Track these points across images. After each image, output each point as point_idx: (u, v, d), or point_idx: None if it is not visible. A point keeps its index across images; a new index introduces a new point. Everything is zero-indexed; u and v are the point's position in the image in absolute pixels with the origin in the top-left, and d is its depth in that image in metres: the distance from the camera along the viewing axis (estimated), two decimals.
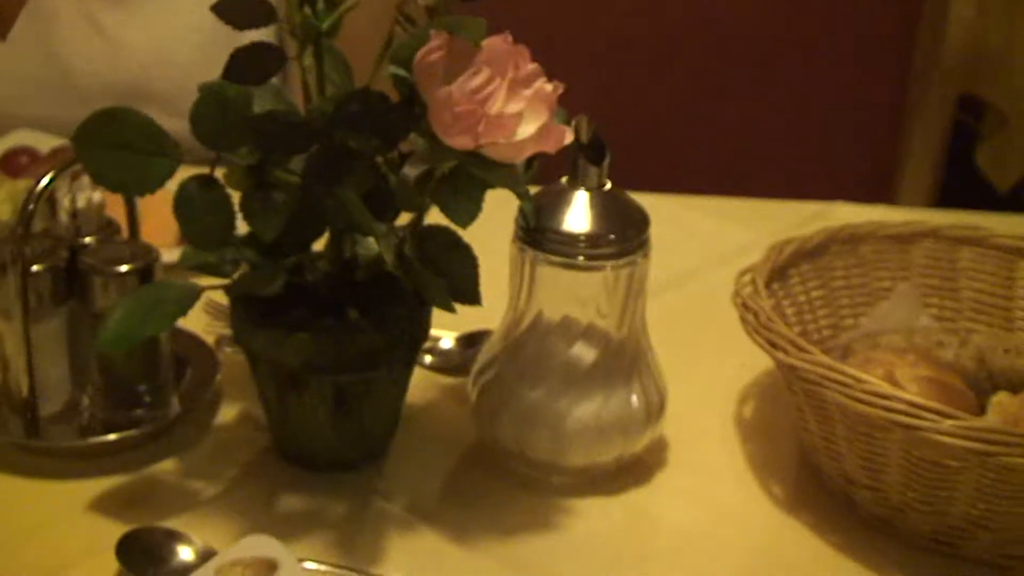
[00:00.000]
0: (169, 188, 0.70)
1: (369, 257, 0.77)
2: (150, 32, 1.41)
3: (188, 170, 0.70)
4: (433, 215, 0.74)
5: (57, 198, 0.81)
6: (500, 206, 0.75)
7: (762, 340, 0.76)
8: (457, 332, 0.92)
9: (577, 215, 0.75)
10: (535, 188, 0.77)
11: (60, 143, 1.13)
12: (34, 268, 0.77)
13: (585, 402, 0.77)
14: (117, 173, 0.69)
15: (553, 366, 0.77)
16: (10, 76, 1.39)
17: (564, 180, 0.76)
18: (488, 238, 0.75)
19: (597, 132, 0.75)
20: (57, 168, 0.75)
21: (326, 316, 0.75)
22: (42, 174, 0.75)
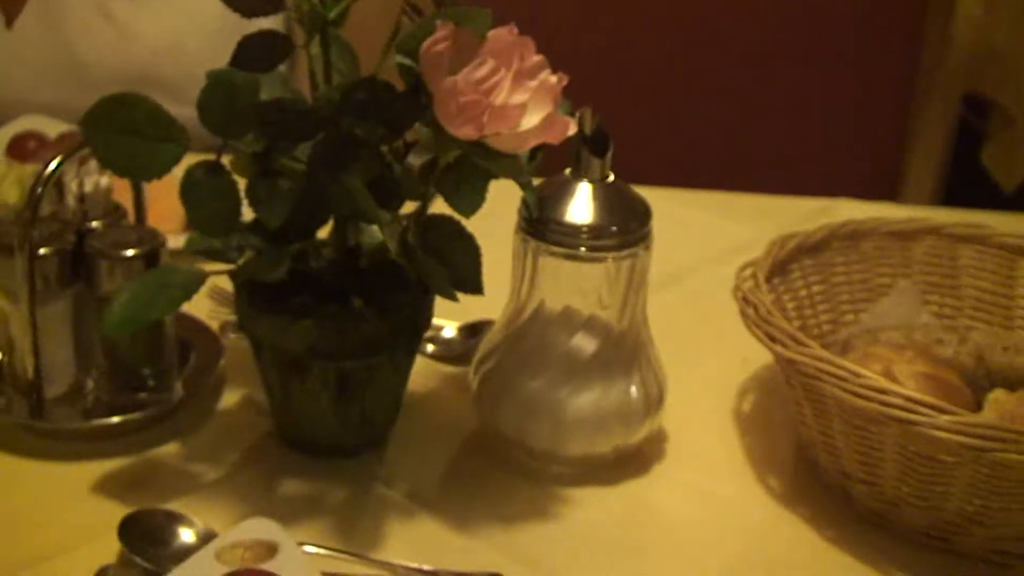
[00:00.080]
0: (176, 174, 0.71)
1: (373, 245, 0.78)
2: (159, 20, 1.41)
3: (195, 157, 0.71)
4: (438, 205, 0.74)
5: (65, 182, 0.82)
6: (503, 197, 0.75)
7: (761, 333, 0.76)
8: (459, 322, 0.93)
9: (580, 207, 0.75)
10: (539, 180, 0.77)
11: (68, 128, 1.14)
12: (41, 251, 0.77)
13: (585, 392, 0.77)
14: (125, 158, 0.70)
15: (554, 356, 0.78)
16: (20, 62, 1.40)
17: (567, 172, 0.77)
18: (491, 229, 0.76)
19: (601, 124, 0.75)
20: (65, 153, 0.75)
21: (330, 303, 0.75)
22: (50, 159, 0.75)
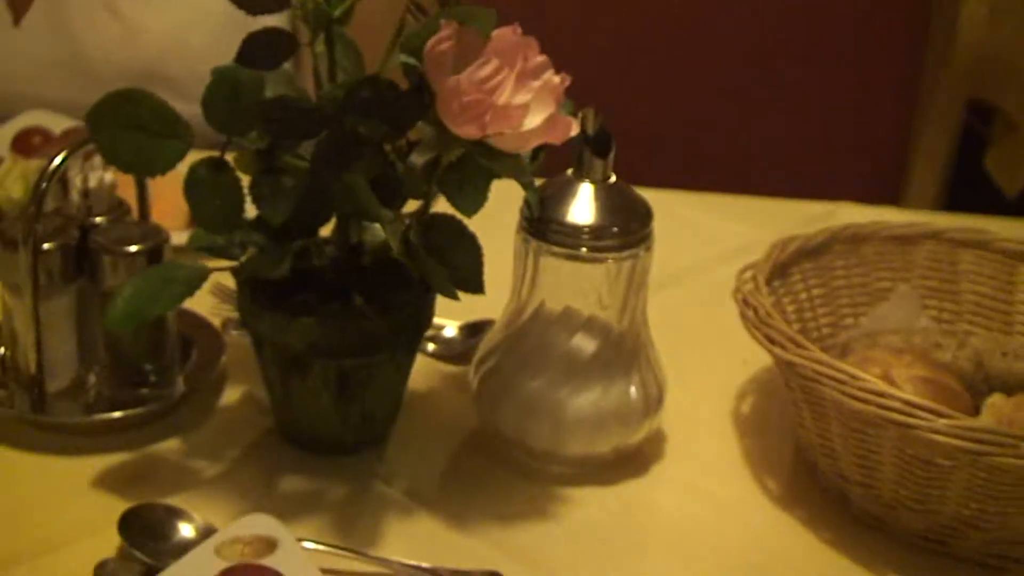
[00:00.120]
0: (180, 171, 0.71)
1: (375, 243, 0.78)
2: (165, 17, 1.42)
3: (199, 154, 0.71)
4: (440, 205, 0.75)
5: (69, 178, 0.82)
6: (505, 197, 0.75)
7: (761, 336, 0.76)
8: (460, 321, 0.93)
9: (581, 207, 0.76)
10: (541, 180, 0.77)
11: (73, 124, 1.14)
12: (45, 246, 0.78)
13: (585, 392, 0.78)
14: (129, 154, 0.70)
15: (554, 356, 0.78)
16: (26, 58, 1.40)
17: (569, 172, 0.77)
18: (493, 229, 0.76)
19: (604, 125, 0.76)
20: (70, 148, 0.76)
21: (331, 301, 0.76)
22: (55, 154, 0.76)
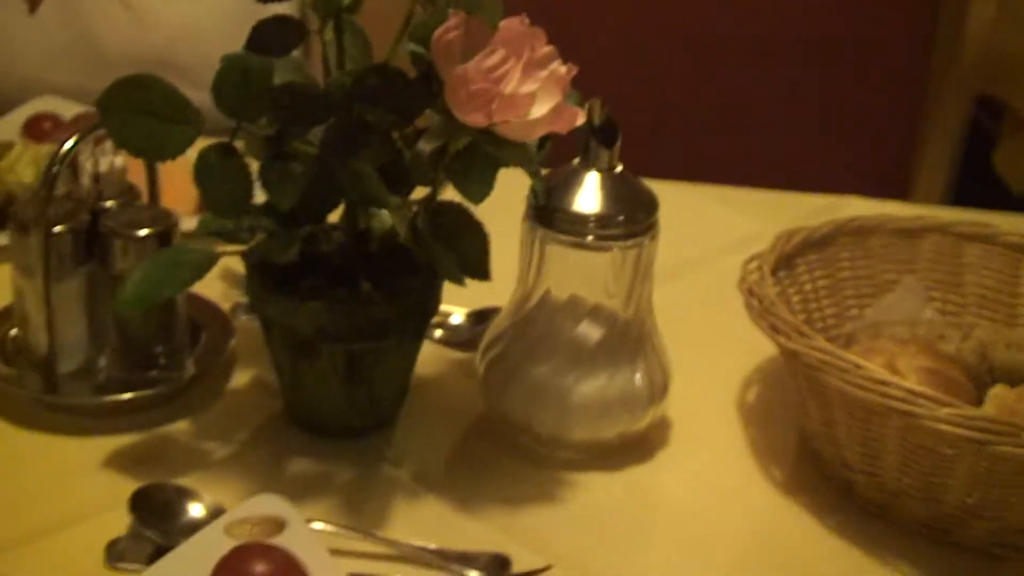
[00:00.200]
0: (190, 157, 0.71)
1: (383, 229, 0.78)
2: (176, 5, 1.42)
3: (209, 141, 0.72)
4: (448, 193, 0.75)
5: (80, 162, 0.83)
6: (512, 186, 0.76)
7: (765, 325, 0.77)
8: (468, 308, 0.93)
9: (587, 196, 0.76)
10: (547, 170, 0.78)
11: (83, 110, 1.15)
12: (56, 229, 0.78)
13: (590, 379, 0.78)
14: (139, 139, 0.70)
15: (560, 343, 0.79)
16: (37, 45, 1.41)
17: (576, 161, 0.78)
18: (500, 217, 0.77)
19: (610, 115, 0.76)
20: (80, 132, 0.76)
21: (339, 286, 0.76)
22: (65, 139, 0.76)
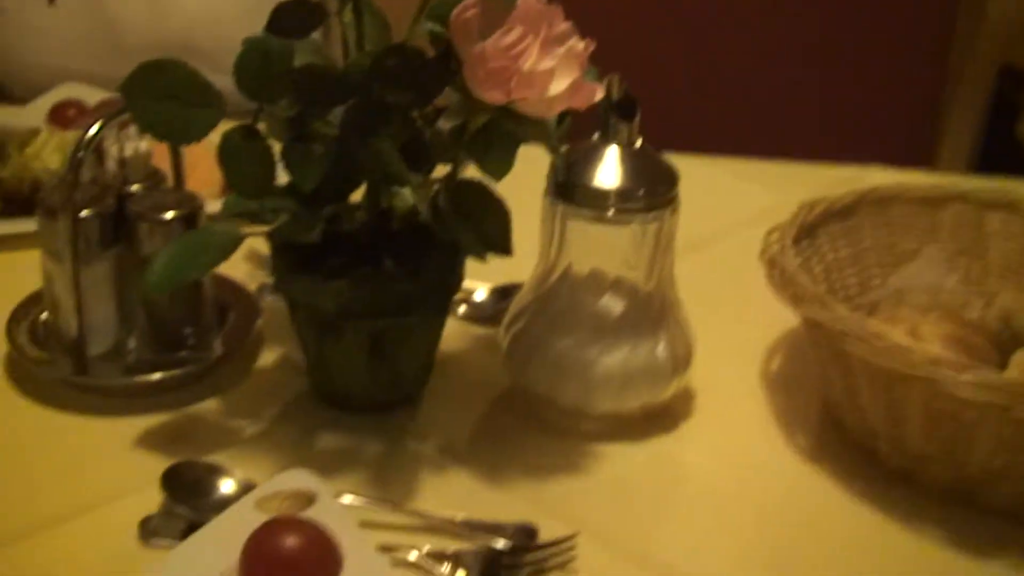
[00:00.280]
0: (214, 141, 0.72)
1: (405, 208, 0.79)
2: None
3: (231, 125, 0.72)
4: (470, 173, 0.76)
5: (105, 147, 0.84)
6: (533, 163, 0.76)
7: (787, 295, 0.77)
8: (491, 284, 0.94)
9: (608, 171, 0.77)
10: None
11: (107, 96, 1.16)
12: (83, 213, 0.79)
13: (613, 352, 0.79)
14: (163, 123, 0.71)
15: (582, 317, 0.79)
16: (61, 33, 1.42)
17: (595, 137, 0.78)
18: (522, 194, 0.77)
19: (628, 90, 0.76)
20: (105, 118, 0.77)
21: (363, 264, 0.77)
22: (90, 124, 0.77)
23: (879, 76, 1.63)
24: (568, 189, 0.77)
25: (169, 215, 0.81)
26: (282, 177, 0.74)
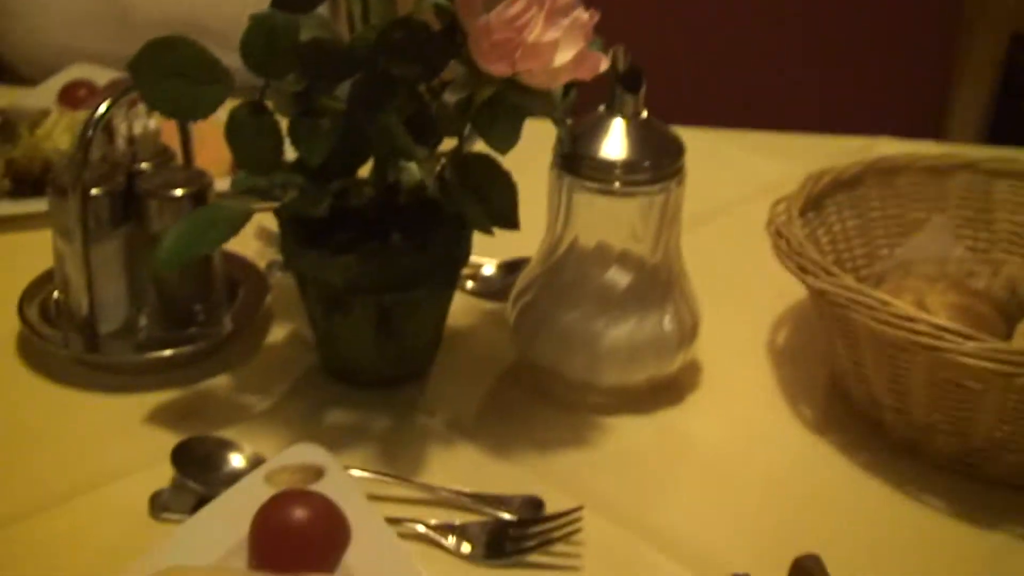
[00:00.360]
0: (222, 119, 0.73)
1: (412, 182, 0.80)
2: None
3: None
4: (477, 148, 0.76)
5: (114, 126, 0.84)
6: (540, 137, 0.77)
7: (793, 265, 0.77)
8: (499, 259, 0.95)
9: (614, 143, 0.77)
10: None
11: (116, 76, 1.16)
12: (93, 192, 0.80)
13: (620, 324, 0.79)
14: (171, 100, 0.72)
15: (589, 289, 0.79)
16: (67, 13, 1.42)
17: (601, 108, 0.78)
18: (529, 169, 0.78)
19: (634, 61, 0.76)
20: (114, 96, 0.78)
21: (370, 239, 0.77)
22: (99, 103, 0.77)
23: (889, 46, 1.63)
24: (574, 161, 0.77)
25: (178, 192, 0.81)
26: (290, 153, 0.74)
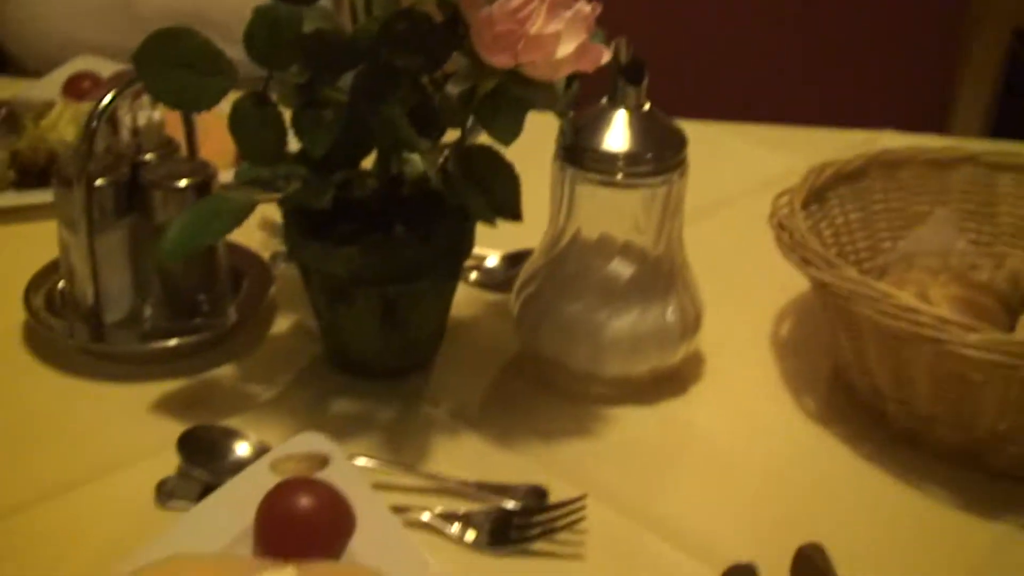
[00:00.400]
0: (225, 110, 0.73)
1: (415, 174, 0.80)
2: None
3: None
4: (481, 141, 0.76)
5: (119, 117, 0.85)
6: (543, 130, 0.77)
7: (795, 258, 0.77)
8: (503, 251, 0.95)
9: (616, 135, 0.77)
10: None
11: (121, 68, 1.17)
12: (98, 182, 0.80)
13: (622, 315, 0.79)
14: (175, 91, 0.72)
15: (592, 281, 0.80)
16: (72, 3, 1.43)
17: (604, 101, 0.78)
18: (532, 162, 0.78)
19: (636, 53, 0.77)
20: (118, 87, 0.78)
21: (374, 230, 0.78)
22: (104, 94, 0.78)
23: (893, 40, 1.63)
24: (577, 153, 0.78)
25: (183, 183, 0.82)
26: (293, 144, 0.74)
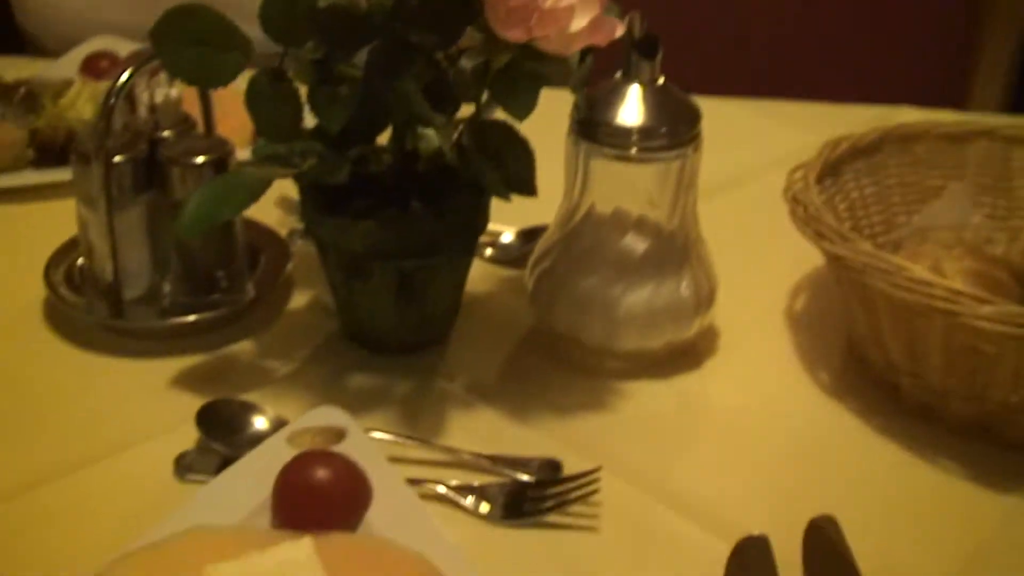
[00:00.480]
0: (242, 87, 0.73)
1: (430, 149, 0.80)
2: None
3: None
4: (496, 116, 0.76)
5: (136, 94, 0.85)
6: (557, 106, 0.77)
7: (810, 231, 0.77)
8: (518, 227, 0.95)
9: (630, 109, 0.77)
10: None
11: (138, 47, 1.17)
12: (116, 159, 0.81)
13: (637, 290, 0.80)
14: (192, 67, 0.73)
15: (606, 255, 0.80)
16: None
17: (618, 75, 0.78)
18: (547, 138, 0.78)
19: (650, 28, 0.77)
20: (136, 65, 0.78)
21: (390, 206, 0.78)
22: (121, 72, 0.78)
23: (909, 16, 1.62)
24: (591, 128, 0.78)
25: (200, 159, 0.82)
26: (309, 120, 0.75)
